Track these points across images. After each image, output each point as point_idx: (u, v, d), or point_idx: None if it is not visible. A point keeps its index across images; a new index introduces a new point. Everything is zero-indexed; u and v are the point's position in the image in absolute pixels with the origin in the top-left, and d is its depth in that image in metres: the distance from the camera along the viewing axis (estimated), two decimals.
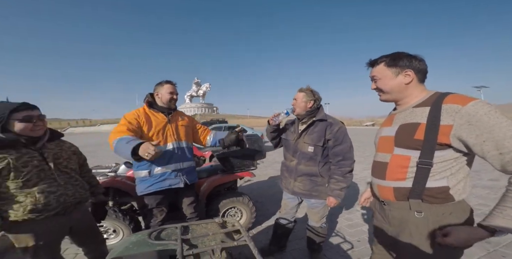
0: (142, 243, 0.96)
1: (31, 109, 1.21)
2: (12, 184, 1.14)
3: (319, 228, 1.82)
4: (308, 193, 1.70)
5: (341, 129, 1.63)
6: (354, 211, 3.08)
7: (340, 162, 1.61)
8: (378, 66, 1.04)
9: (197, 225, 1.13)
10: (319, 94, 1.72)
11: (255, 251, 0.82)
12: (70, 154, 1.42)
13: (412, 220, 0.94)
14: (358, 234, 2.45)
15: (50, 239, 1.30)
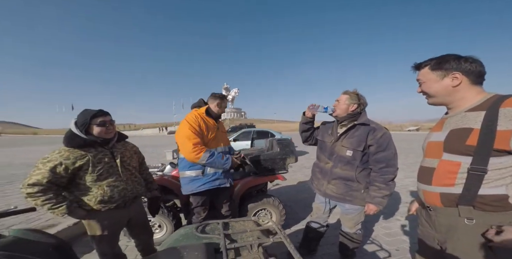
0: (190, 236, 1.08)
1: (105, 115, 1.43)
2: (89, 177, 1.35)
3: (353, 234, 1.78)
4: (342, 197, 1.67)
5: (385, 135, 1.57)
6: (393, 220, 2.90)
7: (383, 169, 1.55)
8: (423, 70, 1.03)
9: (236, 222, 1.23)
10: (365, 99, 1.68)
11: (291, 247, 0.88)
12: (132, 153, 1.63)
13: (462, 227, 0.90)
14: (397, 243, 2.31)
15: (112, 230, 1.49)
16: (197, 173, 1.88)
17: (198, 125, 1.83)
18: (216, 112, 1.99)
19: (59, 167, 1.26)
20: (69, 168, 1.29)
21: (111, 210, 1.43)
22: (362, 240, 1.85)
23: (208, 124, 1.90)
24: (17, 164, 7.81)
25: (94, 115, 1.37)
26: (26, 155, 10.86)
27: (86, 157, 1.34)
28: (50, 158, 1.27)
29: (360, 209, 1.70)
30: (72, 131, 1.35)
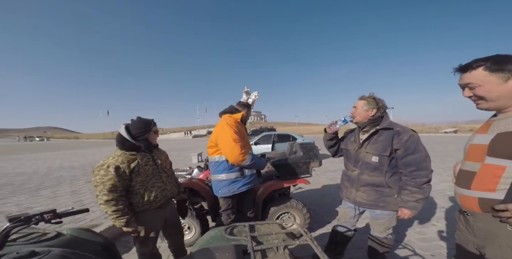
0: (220, 237, 1.13)
1: (155, 124, 1.65)
2: (139, 179, 1.49)
3: (383, 238, 1.71)
4: (374, 204, 1.63)
5: (412, 138, 1.51)
6: (429, 225, 2.73)
7: (414, 173, 1.50)
8: (475, 72, 0.95)
9: (261, 225, 1.26)
10: (384, 102, 1.63)
11: (318, 249, 0.90)
12: (165, 157, 1.78)
13: (504, 233, 0.87)
14: (433, 248, 2.17)
15: (154, 229, 1.59)
16: (237, 175, 1.95)
17: (239, 130, 1.96)
18: (245, 119, 2.14)
19: (119, 169, 1.42)
20: (125, 169, 1.45)
21: (154, 209, 1.56)
22: (393, 245, 1.78)
23: (242, 130, 2.04)
24: (65, 166, 8.81)
25: (153, 123, 1.61)
26: (72, 157, 12.17)
27: (136, 160, 1.50)
28: (108, 163, 1.43)
29: (392, 214, 1.64)
30: (122, 135, 1.51)
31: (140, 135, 1.53)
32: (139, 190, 1.50)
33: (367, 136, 1.63)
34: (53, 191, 4.87)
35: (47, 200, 4.19)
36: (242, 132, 2.01)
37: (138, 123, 1.56)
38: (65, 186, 5.38)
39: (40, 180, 6.07)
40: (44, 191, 4.91)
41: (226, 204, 2.02)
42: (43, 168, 8.41)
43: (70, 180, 6.07)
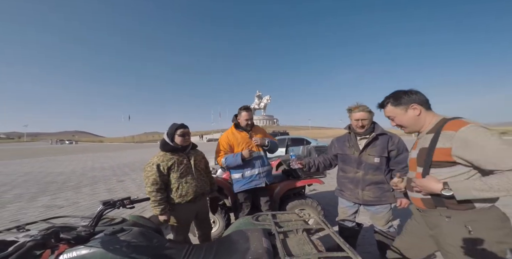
0: (248, 223, 1.41)
1: (185, 127, 1.85)
2: (175, 175, 1.76)
3: (387, 230, 1.91)
4: (378, 199, 1.86)
5: (400, 140, 1.84)
6: None
7: (406, 168, 1.74)
8: (387, 107, 1.27)
9: (282, 214, 1.52)
10: None
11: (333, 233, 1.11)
12: (201, 158, 2.02)
13: (444, 224, 1.11)
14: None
15: (185, 220, 1.85)
16: (239, 176, 2.31)
17: (226, 142, 2.31)
18: (242, 125, 2.35)
19: (160, 166, 1.75)
20: (164, 167, 1.75)
21: (186, 203, 1.80)
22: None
23: (238, 137, 2.32)
24: (96, 167, 9.67)
25: (177, 128, 1.82)
26: (100, 159, 13.23)
27: (173, 159, 1.79)
28: (152, 162, 1.77)
29: (389, 207, 1.89)
30: (165, 139, 1.85)
31: (172, 138, 1.82)
32: (174, 185, 1.77)
33: (367, 141, 1.86)
34: (91, 189, 5.48)
35: (89, 196, 4.77)
36: (236, 140, 2.31)
37: (168, 129, 1.85)
38: (101, 184, 6.01)
39: (78, 179, 6.80)
40: (84, 188, 5.54)
41: (241, 198, 2.36)
42: (78, 168, 9.30)
43: (103, 179, 6.74)
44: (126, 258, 0.97)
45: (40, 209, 3.87)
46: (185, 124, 1.89)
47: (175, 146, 1.83)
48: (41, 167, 9.89)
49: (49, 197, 4.75)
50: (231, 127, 2.42)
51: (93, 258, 0.96)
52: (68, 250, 0.98)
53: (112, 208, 1.26)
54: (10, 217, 3.49)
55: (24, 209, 3.87)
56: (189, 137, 1.93)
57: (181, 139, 1.83)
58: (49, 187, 5.69)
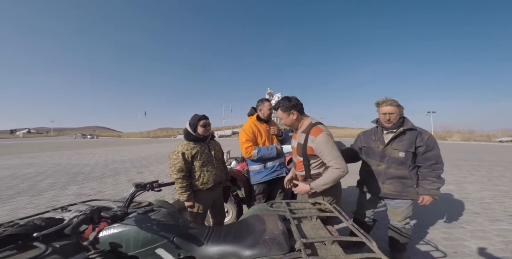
0: (263, 209, 1.49)
1: (206, 119, 1.95)
2: (198, 163, 1.88)
3: (402, 228, 1.91)
4: (398, 194, 1.87)
5: (431, 137, 1.81)
6: (456, 227, 2.78)
7: (433, 165, 1.79)
8: (279, 111, 1.73)
9: (296, 203, 1.57)
10: None
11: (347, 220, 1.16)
12: (219, 148, 2.14)
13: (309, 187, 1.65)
14: (457, 247, 2.27)
15: (204, 206, 1.97)
16: (260, 167, 2.36)
17: (252, 132, 2.32)
18: (262, 116, 2.41)
19: (184, 154, 1.88)
20: (189, 155, 1.88)
21: (207, 190, 1.93)
22: (411, 235, 1.96)
23: (260, 129, 2.37)
24: (117, 160, 10.25)
25: (199, 118, 1.93)
26: (120, 153, 13.95)
27: (196, 148, 1.91)
28: (177, 150, 1.89)
29: (410, 203, 1.87)
30: (187, 129, 1.97)
31: (194, 128, 1.94)
32: (196, 173, 1.90)
33: (393, 135, 1.87)
34: (114, 179, 5.87)
35: (112, 186, 5.13)
36: (259, 131, 2.35)
37: (190, 119, 1.95)
38: (122, 175, 6.41)
39: (102, 170, 7.28)
40: (107, 179, 5.95)
41: (257, 189, 2.42)
42: (101, 161, 9.91)
43: (124, 171, 7.16)
44: (156, 235, 1.10)
45: (71, 197, 4.24)
46: (206, 115, 1.98)
47: (197, 136, 1.94)
48: (68, 159, 10.65)
49: (77, 186, 5.17)
50: (252, 119, 2.45)
51: (128, 234, 1.10)
52: (107, 227, 1.12)
53: (142, 190, 1.41)
54: (46, 203, 3.87)
55: (57, 197, 4.26)
56: (210, 128, 2.03)
57: (203, 129, 1.94)
58: (77, 177, 6.16)
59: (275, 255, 0.96)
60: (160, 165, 8.43)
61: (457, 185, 4.91)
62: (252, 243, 1.03)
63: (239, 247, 1.04)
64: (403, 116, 1.90)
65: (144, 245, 1.08)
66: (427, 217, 3.06)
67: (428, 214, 3.18)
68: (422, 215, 3.12)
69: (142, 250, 1.08)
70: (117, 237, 1.10)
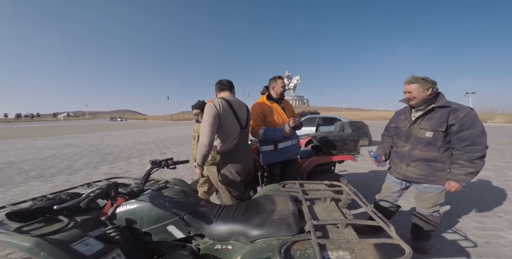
0: (275, 189, 1.45)
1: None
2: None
3: (429, 215, 1.76)
4: (425, 178, 1.70)
5: (469, 114, 1.55)
6: (491, 216, 2.54)
7: (467, 147, 1.54)
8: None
9: (310, 184, 1.49)
10: (431, 78, 1.66)
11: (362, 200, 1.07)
12: None
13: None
14: (490, 237, 2.08)
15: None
16: (270, 148, 2.26)
17: (260, 110, 2.21)
18: (274, 95, 2.29)
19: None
20: None
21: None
22: (439, 223, 1.81)
23: (272, 107, 2.25)
24: (143, 141, 10.96)
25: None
26: (146, 135, 14.87)
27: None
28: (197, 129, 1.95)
29: (441, 188, 1.69)
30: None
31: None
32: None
33: (421, 113, 1.68)
34: (139, 160, 6.30)
35: (138, 166, 5.52)
36: (269, 110, 2.23)
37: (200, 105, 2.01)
38: (147, 156, 6.86)
39: (129, 151, 7.85)
40: (134, 159, 6.40)
41: (270, 170, 2.36)
42: (129, 142, 10.67)
43: (149, 152, 7.65)
44: (168, 211, 1.12)
45: (102, 176, 4.64)
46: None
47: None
48: (101, 140, 11.62)
49: (107, 165, 5.64)
50: (262, 98, 2.35)
51: (142, 211, 1.12)
52: (124, 203, 1.16)
53: (158, 167, 1.42)
54: (81, 181, 4.29)
55: (90, 176, 4.70)
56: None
57: None
58: (107, 158, 6.71)
59: (283, 236, 0.92)
60: (181, 146, 8.84)
61: (498, 171, 4.45)
62: (260, 223, 1.00)
63: (247, 226, 1.02)
64: (438, 92, 1.66)
65: (157, 221, 1.11)
66: (459, 205, 2.84)
67: (461, 201, 2.94)
68: (455, 202, 2.90)
69: (154, 227, 1.10)
70: (132, 213, 1.13)
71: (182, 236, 1.11)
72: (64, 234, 0.93)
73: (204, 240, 1.11)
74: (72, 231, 0.96)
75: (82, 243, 0.92)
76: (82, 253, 0.88)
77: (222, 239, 1.06)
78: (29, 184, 4.08)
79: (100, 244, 0.96)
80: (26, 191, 3.64)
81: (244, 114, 1.87)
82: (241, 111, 1.83)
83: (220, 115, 1.66)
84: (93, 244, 0.94)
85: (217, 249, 1.07)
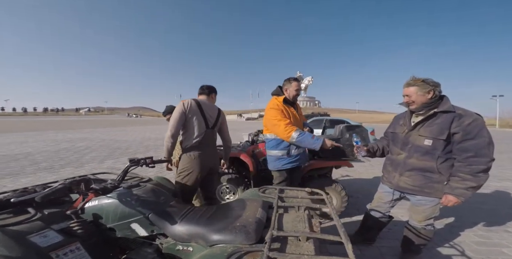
0: (254, 194, 1.44)
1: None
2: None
3: (421, 228, 1.65)
4: (419, 189, 1.58)
5: (476, 122, 1.40)
6: (499, 230, 2.34)
7: (470, 159, 1.39)
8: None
9: (291, 190, 1.46)
10: (434, 80, 1.52)
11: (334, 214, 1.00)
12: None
13: None
14: (490, 254, 1.92)
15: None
16: (283, 153, 2.07)
17: (282, 110, 2.02)
18: (288, 97, 2.10)
19: None
20: None
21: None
22: (431, 237, 1.69)
23: (288, 111, 2.07)
24: (152, 138, 11.30)
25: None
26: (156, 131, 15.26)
27: None
28: None
29: (436, 201, 1.56)
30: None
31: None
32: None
33: (421, 118, 1.55)
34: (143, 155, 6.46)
35: None
36: (287, 111, 2.05)
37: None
38: (152, 152, 7.06)
39: (136, 147, 8.11)
40: (139, 155, 6.62)
41: (278, 177, 2.14)
42: (139, 138, 11.04)
43: (154, 148, 7.86)
44: (133, 210, 1.12)
45: (105, 170, 4.82)
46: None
47: None
48: (114, 135, 12.11)
49: (113, 160, 5.85)
50: (278, 100, 2.10)
51: (109, 207, 1.14)
52: (94, 199, 1.17)
53: (136, 165, 1.43)
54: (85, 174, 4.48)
55: (94, 169, 4.89)
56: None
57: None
58: (115, 152, 6.97)
59: (240, 244, 0.89)
60: None
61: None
62: (221, 228, 0.98)
63: (208, 230, 1.00)
64: (442, 95, 1.52)
65: (121, 218, 1.11)
66: (464, 216, 2.66)
67: (470, 212, 2.76)
68: (462, 213, 2.71)
69: (118, 223, 1.11)
70: (99, 209, 1.15)
71: (145, 234, 1.12)
72: (25, 226, 0.95)
73: (167, 239, 1.10)
74: (34, 223, 0.98)
75: (40, 235, 0.94)
76: (37, 244, 0.89)
77: (183, 241, 1.05)
78: (37, 175, 4.31)
79: (59, 237, 0.97)
80: (33, 181, 3.85)
81: (214, 117, 2.01)
82: (210, 113, 1.97)
83: (186, 113, 1.82)
84: (52, 237, 0.96)
85: (179, 249, 1.06)
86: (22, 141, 8.98)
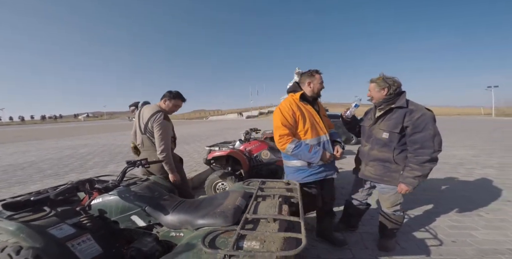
0: (239, 187, 1.61)
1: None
2: None
3: (391, 214, 1.84)
4: (379, 178, 1.78)
5: (424, 116, 1.58)
6: (472, 215, 2.54)
7: (418, 150, 1.59)
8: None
9: (271, 182, 1.63)
10: (396, 79, 1.71)
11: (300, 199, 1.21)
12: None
13: None
14: (460, 236, 2.11)
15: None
16: (302, 163, 1.76)
17: (292, 114, 1.72)
18: (310, 94, 1.80)
19: None
20: None
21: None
22: (402, 222, 1.87)
23: (305, 112, 1.75)
24: None
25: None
26: None
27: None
28: None
29: (396, 189, 1.75)
30: None
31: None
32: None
33: (381, 113, 1.75)
34: None
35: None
36: (302, 114, 1.74)
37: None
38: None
39: None
40: None
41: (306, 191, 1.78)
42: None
43: None
44: (132, 204, 1.32)
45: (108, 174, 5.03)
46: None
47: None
48: (114, 140, 12.30)
49: (115, 164, 6.05)
50: (294, 97, 1.80)
51: (111, 203, 1.34)
52: (98, 196, 1.38)
53: (133, 166, 1.62)
54: None
55: (98, 174, 5.02)
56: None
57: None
58: (116, 157, 7.17)
59: (220, 226, 1.09)
60: (186, 145, 9.19)
61: (501, 170, 4.32)
62: (204, 214, 1.18)
63: (194, 217, 1.20)
64: (402, 92, 1.72)
65: (122, 212, 1.31)
66: (445, 203, 2.85)
67: (447, 200, 2.95)
68: (442, 201, 2.91)
69: (120, 216, 1.31)
70: (103, 205, 1.35)
71: (144, 225, 1.32)
72: (43, 221, 1.15)
73: (163, 228, 1.30)
74: (51, 219, 1.18)
75: (57, 228, 1.14)
76: (55, 235, 1.09)
77: (175, 228, 1.25)
78: (44, 182, 4.52)
79: (72, 230, 1.17)
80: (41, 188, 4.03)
81: (145, 120, 2.05)
82: (143, 117, 2.07)
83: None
84: (66, 229, 1.16)
85: (172, 235, 1.26)
86: (24, 150, 9.18)
